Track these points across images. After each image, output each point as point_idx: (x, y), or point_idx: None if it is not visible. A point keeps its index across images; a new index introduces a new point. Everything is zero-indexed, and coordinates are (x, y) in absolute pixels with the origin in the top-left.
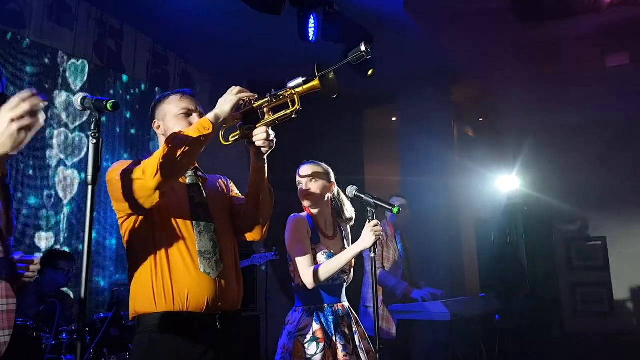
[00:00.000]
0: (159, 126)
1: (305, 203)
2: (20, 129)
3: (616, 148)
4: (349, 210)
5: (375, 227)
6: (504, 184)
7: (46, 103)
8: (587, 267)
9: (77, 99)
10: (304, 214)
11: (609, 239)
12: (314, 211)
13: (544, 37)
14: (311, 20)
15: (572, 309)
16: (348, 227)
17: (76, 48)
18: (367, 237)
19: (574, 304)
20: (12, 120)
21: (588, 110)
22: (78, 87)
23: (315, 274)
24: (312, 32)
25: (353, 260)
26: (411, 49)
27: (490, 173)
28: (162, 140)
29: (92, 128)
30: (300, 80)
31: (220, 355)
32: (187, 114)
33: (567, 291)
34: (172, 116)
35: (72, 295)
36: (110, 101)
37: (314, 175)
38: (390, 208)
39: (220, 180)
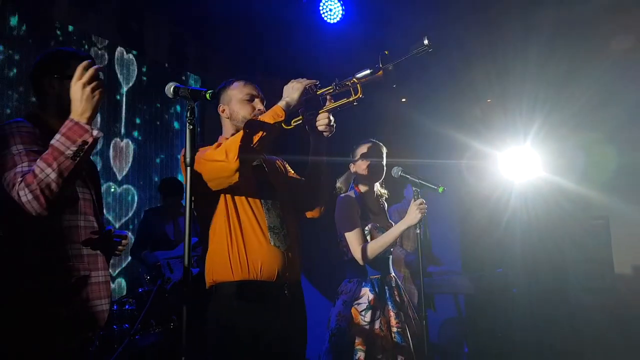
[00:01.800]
0: (224, 110)
1: (361, 183)
2: (93, 90)
3: (624, 129)
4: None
5: (421, 205)
6: (513, 164)
7: (102, 67)
8: (590, 244)
9: (169, 88)
10: (351, 193)
11: (611, 218)
12: (365, 190)
13: (553, 18)
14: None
15: (576, 284)
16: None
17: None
18: (413, 214)
19: (578, 280)
20: (84, 86)
21: (597, 91)
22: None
23: (365, 251)
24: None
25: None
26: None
27: (500, 153)
28: (225, 124)
29: (188, 115)
30: (368, 71)
31: (287, 321)
32: (250, 99)
33: (572, 267)
34: (236, 101)
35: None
36: (208, 91)
37: (374, 154)
38: (435, 187)
39: (278, 161)
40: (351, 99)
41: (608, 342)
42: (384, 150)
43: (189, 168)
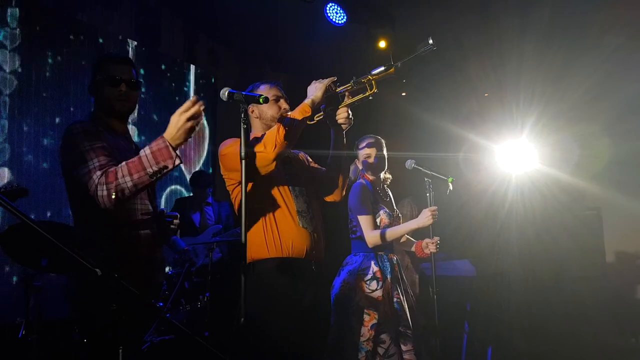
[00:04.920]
0: (253, 110)
1: (369, 172)
2: (191, 124)
3: (617, 122)
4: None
5: (434, 212)
6: (510, 157)
7: (204, 105)
8: (583, 234)
9: (223, 93)
10: (363, 181)
11: (603, 209)
12: (373, 178)
13: (548, 14)
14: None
15: (569, 272)
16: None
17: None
18: (426, 219)
19: (571, 268)
20: (188, 120)
21: (591, 85)
22: None
23: (377, 237)
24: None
25: None
26: (424, 26)
27: (497, 146)
28: (255, 122)
29: (243, 117)
30: (382, 68)
31: (316, 293)
32: (277, 99)
33: (565, 256)
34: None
35: None
36: (262, 96)
37: (377, 147)
38: (445, 178)
39: (300, 154)
40: (367, 94)
41: (599, 327)
42: (384, 143)
43: (243, 161)
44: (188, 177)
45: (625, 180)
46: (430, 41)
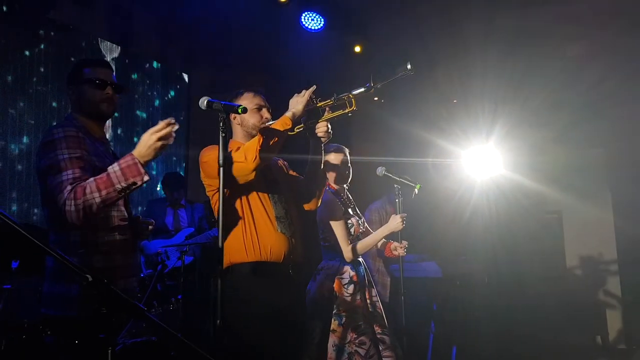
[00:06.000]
0: (235, 117)
1: (334, 182)
2: (161, 144)
3: (575, 128)
4: None
5: (404, 217)
6: (477, 162)
7: (178, 126)
8: (544, 237)
9: (202, 102)
10: (329, 190)
11: (564, 213)
12: (338, 187)
13: (511, 24)
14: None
15: (531, 273)
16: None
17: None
18: (396, 224)
19: (533, 270)
20: (159, 139)
21: (551, 92)
22: None
23: (352, 252)
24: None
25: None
26: (397, 34)
27: (463, 151)
28: (236, 129)
29: (221, 126)
30: (362, 89)
31: (292, 295)
32: (259, 108)
33: (528, 258)
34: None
35: None
36: (241, 107)
37: (342, 156)
38: (413, 185)
39: (279, 161)
40: (346, 111)
41: (558, 325)
42: (347, 151)
43: (221, 168)
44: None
45: (583, 186)
46: (409, 66)
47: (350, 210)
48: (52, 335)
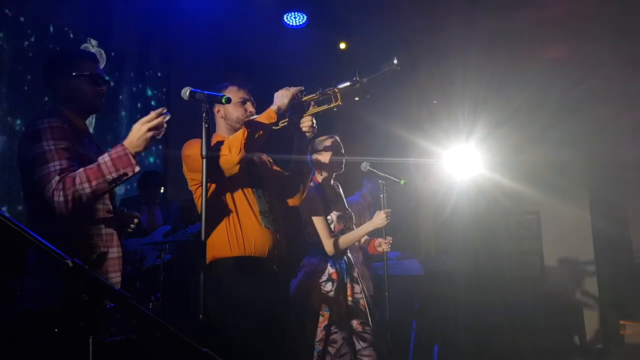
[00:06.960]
0: (219, 110)
1: (319, 174)
2: (152, 135)
3: (553, 129)
4: None
5: (388, 213)
6: (457, 162)
7: (169, 117)
8: (523, 237)
9: (185, 92)
10: (312, 184)
11: (542, 213)
12: (321, 179)
13: (492, 26)
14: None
15: (510, 273)
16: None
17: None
18: (380, 220)
19: (512, 269)
20: (149, 130)
21: (530, 94)
22: None
23: (333, 246)
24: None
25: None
26: (380, 34)
27: (445, 152)
28: (220, 122)
29: (204, 116)
30: (347, 83)
31: (276, 290)
32: (243, 102)
33: (507, 258)
34: (231, 103)
35: None
36: (224, 97)
37: (330, 148)
38: (398, 180)
39: (263, 156)
40: (332, 105)
41: (536, 324)
42: (341, 143)
43: (204, 160)
44: None
45: (561, 185)
46: (395, 61)
47: (332, 204)
48: (36, 330)
